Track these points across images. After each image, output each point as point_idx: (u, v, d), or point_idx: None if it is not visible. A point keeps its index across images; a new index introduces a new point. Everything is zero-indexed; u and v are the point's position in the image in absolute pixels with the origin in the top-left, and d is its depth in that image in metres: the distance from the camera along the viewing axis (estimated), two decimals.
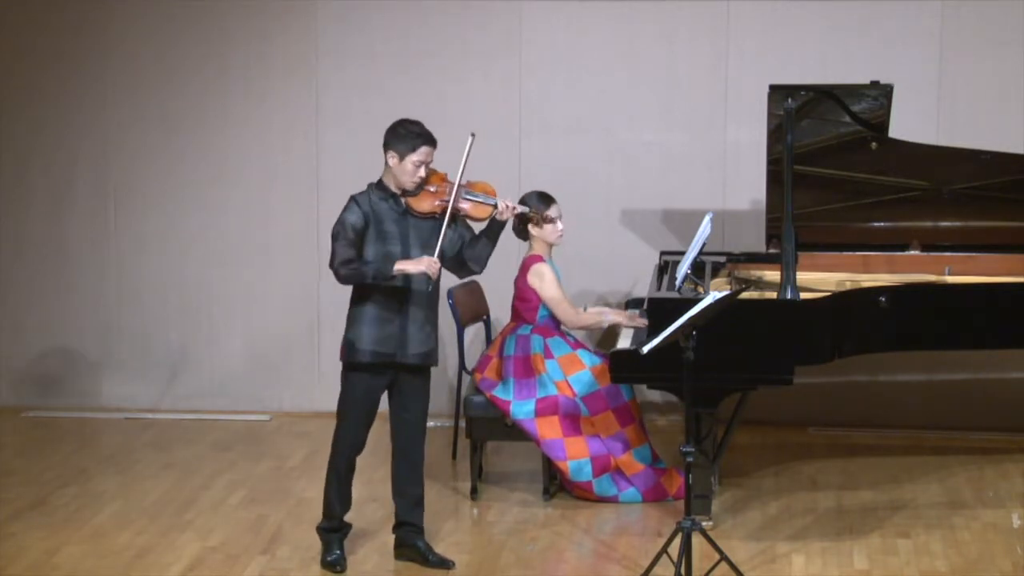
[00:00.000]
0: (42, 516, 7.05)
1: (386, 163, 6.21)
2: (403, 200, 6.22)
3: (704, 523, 6.44)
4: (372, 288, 6.19)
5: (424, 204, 6.23)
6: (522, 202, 7.21)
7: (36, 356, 9.00)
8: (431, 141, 6.20)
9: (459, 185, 6.22)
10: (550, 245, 7.32)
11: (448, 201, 6.20)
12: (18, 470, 7.79)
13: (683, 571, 5.93)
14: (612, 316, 7.42)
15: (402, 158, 6.17)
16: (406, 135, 6.17)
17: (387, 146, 6.21)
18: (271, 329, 8.85)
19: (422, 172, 6.19)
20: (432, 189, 6.24)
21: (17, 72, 8.83)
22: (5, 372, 9.03)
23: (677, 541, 6.02)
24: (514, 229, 7.28)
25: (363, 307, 6.23)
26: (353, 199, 6.22)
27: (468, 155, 6.21)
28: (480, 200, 6.29)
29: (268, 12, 8.67)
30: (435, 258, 6.14)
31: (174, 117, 8.78)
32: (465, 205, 6.27)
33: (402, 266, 6.14)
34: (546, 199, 7.26)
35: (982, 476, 7.56)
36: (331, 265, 6.19)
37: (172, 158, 8.81)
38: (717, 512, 6.95)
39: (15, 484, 7.53)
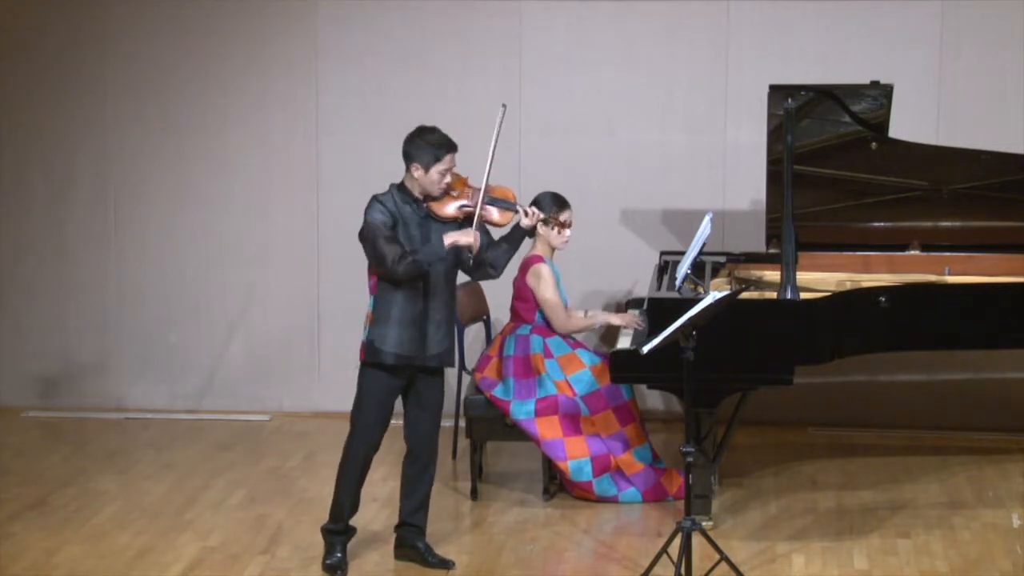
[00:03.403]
0: (42, 516, 7.05)
1: (408, 171, 6.20)
2: (425, 205, 6.23)
3: (704, 523, 6.44)
4: (399, 291, 6.18)
5: (447, 209, 6.23)
6: (535, 201, 7.20)
7: (36, 356, 9.00)
8: (453, 147, 6.19)
9: (484, 189, 6.21)
10: (553, 248, 7.32)
11: (473, 207, 6.21)
12: (18, 470, 7.79)
13: (683, 571, 5.93)
14: (602, 317, 7.42)
15: (427, 169, 6.16)
16: (428, 146, 6.15)
17: (410, 158, 6.17)
18: (271, 329, 8.85)
19: (448, 179, 6.20)
20: (454, 194, 6.25)
21: (17, 72, 8.83)
22: (5, 372, 9.03)
23: (677, 541, 6.02)
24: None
25: (388, 309, 6.21)
26: (376, 199, 6.19)
27: (499, 130, 6.21)
28: (504, 206, 6.30)
29: (268, 12, 8.67)
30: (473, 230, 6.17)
31: (174, 117, 8.78)
32: (488, 210, 6.27)
33: (453, 238, 6.13)
34: (560, 202, 7.25)
35: (982, 476, 7.56)
36: (381, 266, 6.13)
37: (172, 158, 8.81)
38: (717, 512, 6.95)
39: (15, 484, 7.53)
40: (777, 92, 6.98)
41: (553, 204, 7.22)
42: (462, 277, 6.68)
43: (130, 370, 8.94)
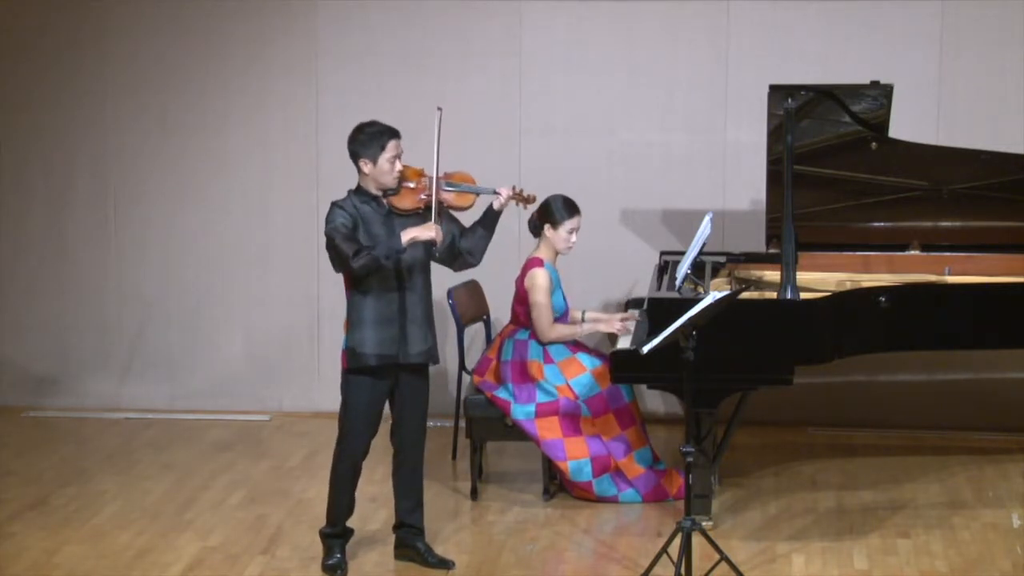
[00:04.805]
0: (42, 516, 7.05)
1: (360, 171, 6.20)
2: (385, 201, 6.22)
3: (704, 523, 6.44)
4: (369, 292, 6.17)
5: (406, 201, 6.23)
6: (546, 204, 7.18)
7: (36, 356, 9.00)
8: (395, 134, 6.19)
9: (436, 177, 6.21)
10: (556, 252, 7.30)
11: (429, 195, 6.20)
12: (18, 470, 7.79)
13: (683, 571, 5.93)
14: (589, 327, 7.38)
15: (375, 161, 6.15)
16: (369, 139, 6.15)
17: (356, 156, 6.18)
18: (271, 329, 8.85)
19: (398, 165, 6.18)
20: (412, 185, 6.24)
21: (17, 72, 8.83)
22: (5, 372, 9.03)
23: (677, 541, 6.03)
24: (530, 224, 7.27)
25: (362, 312, 6.21)
26: (335, 204, 6.18)
27: (439, 131, 6.19)
28: (462, 189, 6.28)
29: (268, 12, 8.67)
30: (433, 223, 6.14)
31: (174, 117, 8.78)
32: (447, 195, 6.26)
33: (412, 234, 6.08)
34: (570, 207, 7.22)
35: (982, 476, 7.56)
36: (342, 265, 6.11)
37: (172, 158, 8.82)
38: (717, 512, 6.95)
39: (15, 484, 7.53)
40: (777, 92, 6.98)
41: (563, 208, 7.20)
42: (461, 276, 6.69)
43: (130, 370, 8.94)
